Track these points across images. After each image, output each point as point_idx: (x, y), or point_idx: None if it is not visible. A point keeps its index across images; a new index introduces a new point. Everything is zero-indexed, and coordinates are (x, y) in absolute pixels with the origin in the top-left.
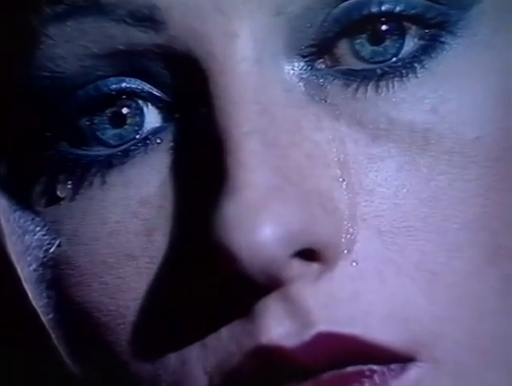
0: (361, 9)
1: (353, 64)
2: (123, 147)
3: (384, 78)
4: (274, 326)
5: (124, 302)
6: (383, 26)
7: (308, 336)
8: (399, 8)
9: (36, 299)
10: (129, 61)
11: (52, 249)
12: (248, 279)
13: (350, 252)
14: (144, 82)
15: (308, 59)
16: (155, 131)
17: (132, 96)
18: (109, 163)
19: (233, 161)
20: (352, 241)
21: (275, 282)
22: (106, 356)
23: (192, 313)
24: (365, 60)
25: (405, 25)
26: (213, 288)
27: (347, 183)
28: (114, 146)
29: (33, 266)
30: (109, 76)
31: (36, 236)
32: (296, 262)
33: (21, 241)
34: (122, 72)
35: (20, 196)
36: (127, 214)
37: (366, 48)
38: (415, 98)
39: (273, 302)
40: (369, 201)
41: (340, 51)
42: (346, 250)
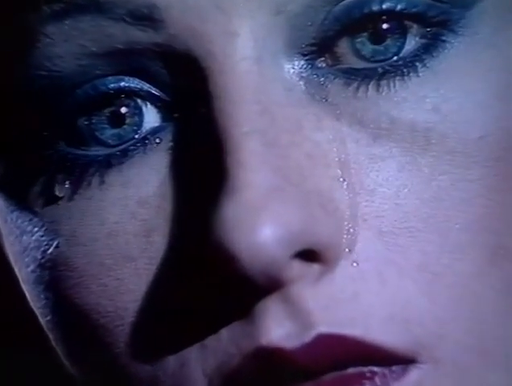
0: (362, 7)
1: (354, 63)
2: (122, 147)
3: (385, 77)
4: (274, 328)
5: (123, 304)
6: (384, 24)
7: (309, 337)
8: (400, 6)
9: (34, 300)
10: (128, 60)
11: (50, 250)
12: (248, 280)
13: (351, 252)
14: (143, 81)
15: (309, 57)
16: (154, 131)
17: (131, 96)
18: (108, 163)
19: (233, 161)
20: (352, 242)
21: (275, 283)
22: (105, 358)
23: (192, 314)
24: (366, 59)
25: (406, 23)
26: (213, 289)
27: (348, 183)
28: (113, 146)
29: (31, 267)
30: (108, 75)
31: (34, 237)
32: (296, 263)
33: (19, 242)
34: (121, 71)
35: (18, 196)
36: (126, 214)
37: (367, 47)
38: (417, 97)
39: (273, 303)
40: (370, 201)
41: (340, 50)
42: (347, 251)
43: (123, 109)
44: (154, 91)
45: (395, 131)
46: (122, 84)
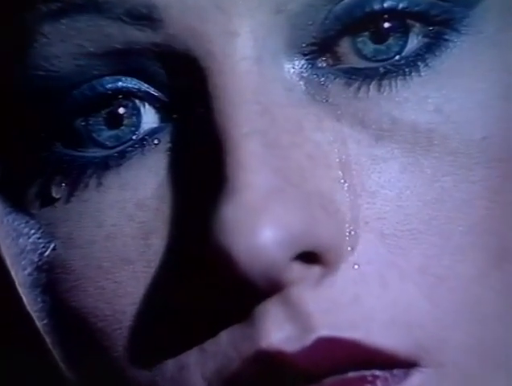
0: (364, 6)
1: (355, 63)
2: (119, 148)
3: (387, 77)
4: (274, 331)
5: (120, 307)
6: (386, 23)
7: (309, 341)
8: (402, 5)
9: (31, 304)
10: (126, 60)
11: (47, 253)
12: (247, 282)
13: (352, 255)
14: (141, 81)
15: (309, 57)
16: (153, 132)
17: (129, 96)
18: (106, 165)
19: (233, 162)
20: (354, 244)
21: (275, 286)
22: (103, 362)
23: (191, 317)
24: (368, 59)
25: (408, 22)
26: (212, 291)
27: (349, 185)
28: (110, 147)
29: (28, 270)
30: (105, 76)
31: (31, 239)
32: (297, 265)
33: (15, 244)
34: (119, 71)
35: (14, 198)
36: (124, 217)
37: (368, 46)
38: (419, 97)
39: (273, 306)
40: (371, 203)
41: (341, 50)
42: (348, 253)
43: (121, 110)
44: (152, 91)
45: (397, 132)
46: (120, 85)
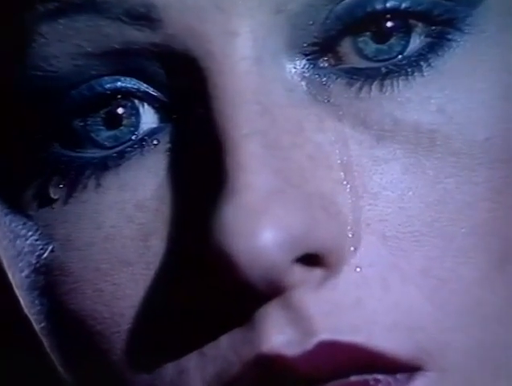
0: (365, 6)
1: (357, 63)
2: (118, 149)
3: (389, 77)
4: (275, 335)
5: (119, 310)
6: (388, 23)
7: (310, 345)
8: (405, 5)
9: (28, 306)
10: (124, 60)
11: (45, 255)
12: (248, 285)
13: (354, 257)
14: (140, 81)
15: (310, 57)
16: (152, 132)
17: (127, 96)
18: (104, 165)
19: (233, 163)
20: (355, 247)
21: (276, 289)
22: (101, 365)
23: (190, 320)
24: (369, 59)
25: (411, 22)
26: (212, 294)
27: (350, 186)
28: (109, 148)
29: (25, 272)
30: (104, 76)
31: (28, 241)
32: (298, 268)
33: (12, 246)
34: (117, 72)
35: (12, 199)
36: (123, 218)
37: (370, 46)
38: (421, 98)
39: (274, 310)
40: (373, 205)
41: (343, 50)
42: (349, 256)
43: (120, 110)
44: (151, 91)
45: (399, 132)
46: (119, 85)
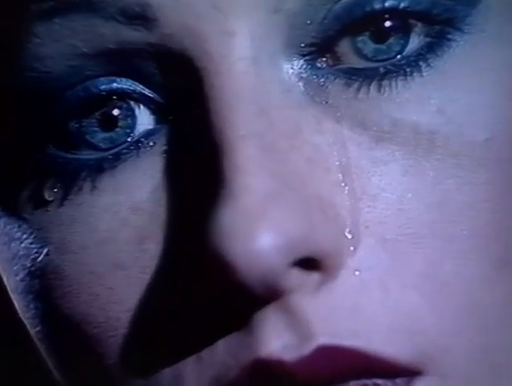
0: (364, 5)
1: (356, 63)
2: (114, 151)
3: (387, 77)
4: (272, 339)
5: (115, 314)
6: (387, 22)
7: (308, 349)
8: (404, 4)
9: (23, 310)
10: (120, 61)
11: (40, 258)
12: (245, 289)
13: (352, 261)
14: (136, 82)
15: (308, 57)
16: (148, 134)
17: (123, 97)
18: (100, 168)
19: (230, 165)
20: (354, 250)
21: (274, 293)
22: (97, 370)
23: (187, 325)
24: (368, 59)
25: (410, 22)
26: (209, 299)
27: (349, 188)
28: (105, 150)
29: (20, 276)
30: (99, 76)
31: (23, 244)
32: (296, 271)
33: (7, 249)
34: (113, 72)
35: (6, 202)
36: (118, 221)
37: (369, 46)
38: (420, 98)
39: (271, 314)
40: (372, 207)
41: (341, 50)
42: (348, 259)
43: (115, 111)
44: (147, 92)
45: (398, 134)
46: (114, 86)
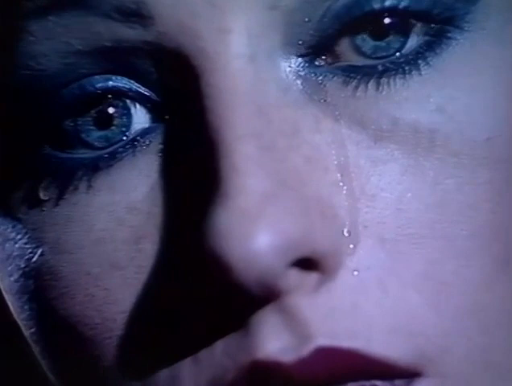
0: (363, 5)
1: (354, 60)
2: (110, 149)
3: (385, 75)
4: (270, 340)
5: (110, 315)
6: (386, 19)
7: (307, 351)
8: (404, 4)
9: (18, 311)
10: (115, 59)
11: (34, 258)
12: (242, 290)
13: (351, 261)
14: (132, 80)
15: (306, 55)
16: (144, 132)
17: (119, 96)
18: (95, 167)
19: (227, 165)
20: (353, 250)
21: (271, 293)
22: (92, 372)
23: (184, 326)
24: (367, 56)
25: (410, 21)
26: (206, 300)
27: (348, 188)
28: (100, 149)
29: (14, 276)
30: (94, 74)
31: (17, 245)
32: (294, 272)
33: (1, 250)
34: (108, 70)
35: (0, 202)
36: (114, 220)
37: (368, 43)
38: (419, 97)
39: (269, 315)
40: (371, 207)
41: (340, 47)
42: (347, 259)
43: (111, 110)
44: (143, 91)
45: (397, 132)
46: (110, 84)
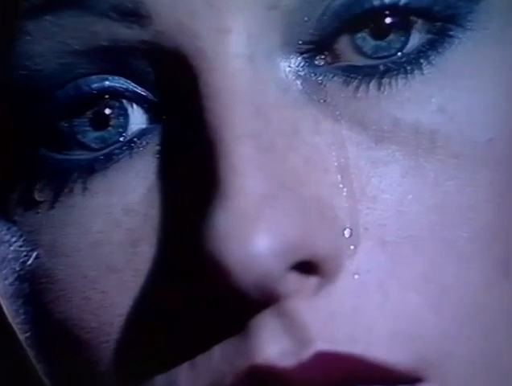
0: (363, 2)
1: (355, 60)
2: (106, 151)
3: (387, 75)
4: (269, 345)
5: (107, 318)
6: (387, 18)
7: (306, 355)
8: (404, 1)
9: (13, 315)
10: (112, 58)
11: (30, 261)
12: (241, 294)
13: (351, 264)
14: (129, 81)
15: (306, 55)
16: (141, 133)
17: (115, 96)
18: (91, 168)
19: (225, 166)
20: (353, 253)
21: (270, 297)
22: (88, 376)
23: (181, 330)
24: (368, 56)
25: (411, 19)
26: (204, 303)
27: (348, 190)
28: (96, 150)
29: (9, 280)
30: (91, 74)
31: (12, 247)
32: (293, 275)
33: None
34: (105, 70)
35: None
36: (110, 223)
37: (369, 43)
38: (421, 97)
39: (268, 319)
40: (371, 209)
41: (340, 47)
42: (347, 262)
43: (107, 110)
44: (140, 91)
45: (398, 133)
46: (107, 84)
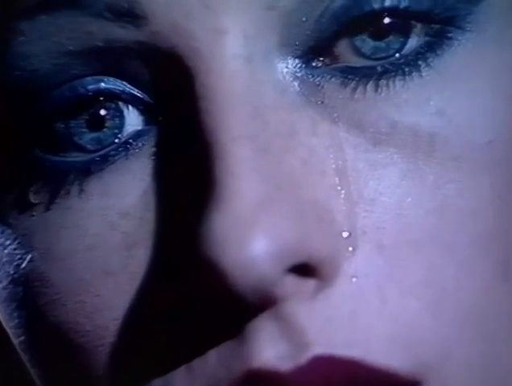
0: (362, 5)
1: (353, 61)
2: (102, 152)
3: (385, 76)
4: (266, 349)
5: (102, 322)
6: (386, 19)
7: (304, 359)
8: (404, 4)
9: (6, 319)
10: (107, 59)
11: (24, 265)
12: (238, 297)
13: (349, 267)
14: (124, 82)
15: (304, 56)
16: (137, 135)
17: (111, 98)
18: (87, 170)
19: (222, 168)
20: (351, 256)
21: (268, 301)
22: (83, 381)
23: (177, 334)
24: (366, 57)
25: (410, 22)
26: (200, 307)
27: (345, 192)
28: (92, 152)
29: (3, 283)
30: (86, 76)
31: (6, 250)
32: (290, 279)
33: None
34: (100, 71)
35: None
36: (106, 226)
37: (367, 44)
38: (419, 99)
39: (265, 323)
40: (369, 212)
41: (338, 48)
42: (345, 265)
43: (103, 112)
44: (136, 92)
45: (396, 136)
46: (102, 86)
